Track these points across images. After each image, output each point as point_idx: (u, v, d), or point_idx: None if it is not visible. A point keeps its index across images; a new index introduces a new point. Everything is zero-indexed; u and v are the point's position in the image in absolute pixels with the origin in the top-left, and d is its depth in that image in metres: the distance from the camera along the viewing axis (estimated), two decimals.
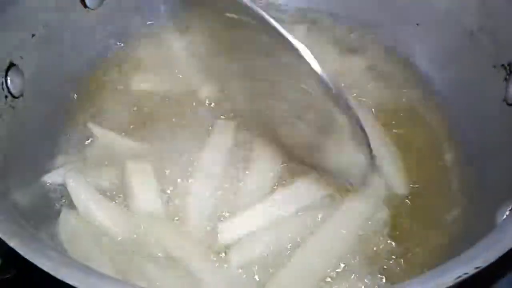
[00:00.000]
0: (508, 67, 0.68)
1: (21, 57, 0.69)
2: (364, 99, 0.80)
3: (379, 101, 0.80)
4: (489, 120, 0.72)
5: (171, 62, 0.86)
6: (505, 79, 0.69)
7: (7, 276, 0.65)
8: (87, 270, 0.45)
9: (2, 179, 0.60)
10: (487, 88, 0.72)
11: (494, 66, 0.70)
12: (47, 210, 0.68)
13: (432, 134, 0.78)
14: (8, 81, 0.67)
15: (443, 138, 0.77)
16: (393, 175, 0.72)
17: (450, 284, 0.43)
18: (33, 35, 0.71)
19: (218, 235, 0.66)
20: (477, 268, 0.43)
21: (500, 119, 0.69)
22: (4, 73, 0.66)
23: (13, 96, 0.67)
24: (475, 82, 0.75)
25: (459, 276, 0.42)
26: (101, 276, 0.44)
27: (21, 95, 0.69)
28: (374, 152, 0.53)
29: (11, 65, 0.68)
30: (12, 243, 0.45)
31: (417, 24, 0.84)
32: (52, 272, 0.43)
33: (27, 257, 0.44)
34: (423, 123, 0.79)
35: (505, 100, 0.68)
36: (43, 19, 0.73)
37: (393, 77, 0.84)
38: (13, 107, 0.67)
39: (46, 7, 0.74)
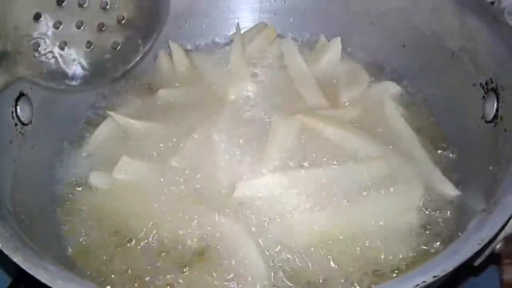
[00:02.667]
0: (485, 86, 0.71)
1: (31, 88, 0.73)
2: None
3: None
4: (469, 136, 0.75)
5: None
6: (483, 97, 0.72)
7: None
8: (82, 282, 0.49)
9: (11, 199, 0.64)
10: (468, 105, 0.75)
11: (474, 85, 0.74)
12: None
13: None
14: (18, 110, 0.71)
15: None
16: (440, 177, 0.74)
17: None
18: None
19: (235, 190, 0.71)
20: (435, 277, 0.46)
21: (479, 135, 0.72)
22: (14, 103, 0.71)
23: (23, 124, 0.72)
24: (457, 99, 0.78)
25: (417, 285, 0.45)
26: None
27: (30, 122, 0.73)
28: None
29: (21, 95, 0.72)
30: (15, 259, 0.50)
31: (403, 46, 0.88)
32: (50, 284, 0.48)
33: (28, 271, 0.49)
34: None
35: (483, 117, 0.71)
36: None
37: None
38: (22, 134, 0.72)
39: None
